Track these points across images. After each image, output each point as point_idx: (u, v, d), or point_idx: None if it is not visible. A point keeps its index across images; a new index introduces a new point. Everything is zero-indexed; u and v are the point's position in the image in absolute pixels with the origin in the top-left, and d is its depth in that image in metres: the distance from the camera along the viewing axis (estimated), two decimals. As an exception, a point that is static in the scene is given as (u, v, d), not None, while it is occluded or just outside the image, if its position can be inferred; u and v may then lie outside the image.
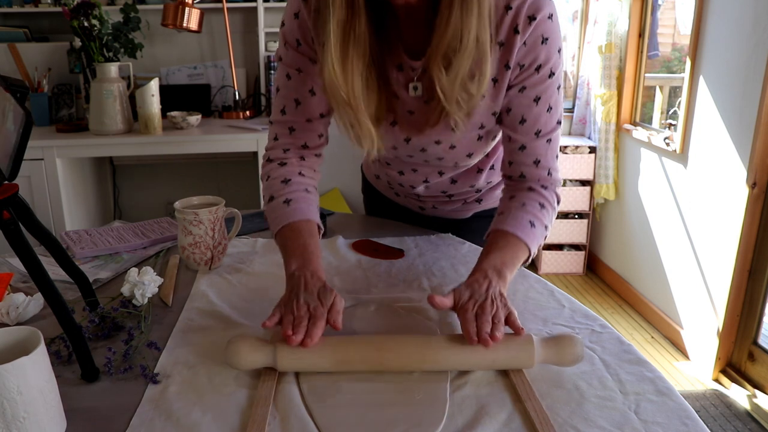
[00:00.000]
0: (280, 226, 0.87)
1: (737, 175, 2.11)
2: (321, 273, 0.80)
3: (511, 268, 0.82)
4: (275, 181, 0.92)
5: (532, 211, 0.88)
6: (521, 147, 0.90)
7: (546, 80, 0.85)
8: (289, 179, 0.92)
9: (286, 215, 0.88)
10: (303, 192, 0.91)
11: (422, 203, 1.19)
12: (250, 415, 0.63)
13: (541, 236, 0.87)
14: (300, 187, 0.92)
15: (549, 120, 0.88)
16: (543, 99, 0.86)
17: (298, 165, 0.95)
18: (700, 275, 2.35)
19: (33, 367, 0.57)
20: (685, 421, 0.63)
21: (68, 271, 0.80)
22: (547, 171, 0.91)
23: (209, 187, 3.11)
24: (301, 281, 0.77)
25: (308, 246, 0.83)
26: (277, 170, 0.93)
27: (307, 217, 0.88)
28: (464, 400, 0.66)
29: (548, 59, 0.83)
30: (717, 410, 2.08)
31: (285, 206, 0.89)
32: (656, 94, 3.07)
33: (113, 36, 2.39)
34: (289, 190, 0.90)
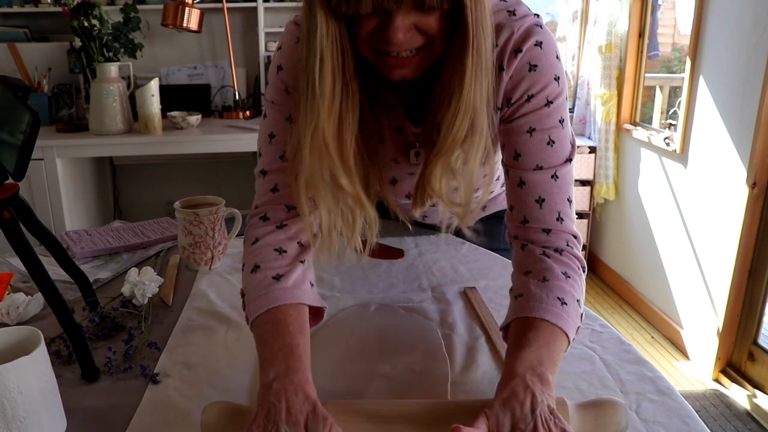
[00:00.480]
0: (259, 311, 0.67)
1: (737, 175, 2.11)
2: (310, 389, 0.58)
3: (551, 367, 0.61)
4: (267, 249, 0.72)
5: (557, 284, 0.68)
6: (520, 182, 0.74)
7: (541, 109, 0.72)
8: (285, 250, 0.72)
9: (271, 296, 0.67)
10: (300, 264, 0.72)
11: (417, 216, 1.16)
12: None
13: (576, 315, 0.67)
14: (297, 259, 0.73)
15: (552, 155, 0.72)
16: (538, 130, 0.72)
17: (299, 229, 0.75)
18: (700, 275, 2.35)
19: (33, 367, 0.57)
20: (686, 421, 0.63)
21: (68, 271, 0.80)
22: (556, 215, 0.72)
23: (209, 187, 3.11)
24: (282, 402, 0.56)
25: (294, 347, 0.63)
26: (273, 236, 0.74)
27: (301, 300, 0.69)
28: (465, 399, 0.66)
29: (541, 87, 0.71)
30: (717, 410, 2.08)
31: (274, 283, 0.69)
32: (656, 94, 3.07)
33: (113, 36, 2.39)
34: (282, 263, 0.71)
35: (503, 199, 1.14)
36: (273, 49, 2.83)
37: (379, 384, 0.69)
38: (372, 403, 0.63)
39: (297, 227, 0.75)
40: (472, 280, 0.98)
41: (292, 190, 0.72)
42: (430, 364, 0.72)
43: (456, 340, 0.78)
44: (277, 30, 2.83)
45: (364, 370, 0.71)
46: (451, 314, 0.85)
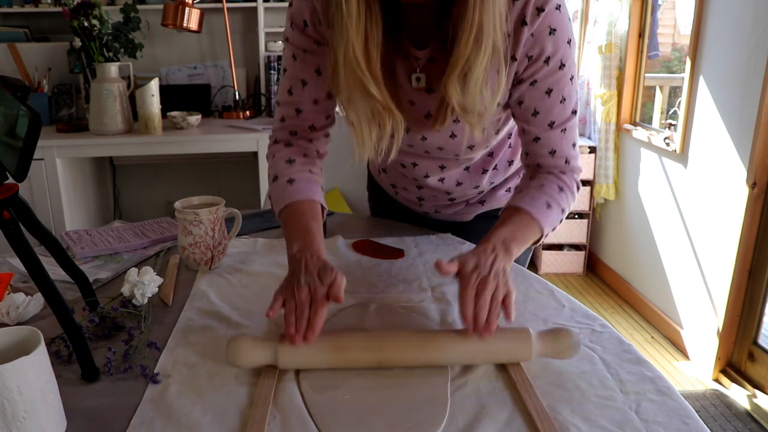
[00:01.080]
0: (282, 205, 0.88)
1: (737, 175, 2.11)
2: (322, 253, 0.79)
3: (519, 246, 0.82)
4: (279, 162, 0.93)
5: (550, 193, 0.88)
6: (535, 138, 0.90)
7: (556, 72, 0.84)
8: (293, 159, 0.92)
9: (289, 195, 0.88)
10: (307, 173, 0.92)
11: (424, 207, 1.18)
12: (249, 415, 0.63)
13: (556, 219, 0.88)
14: (304, 167, 0.92)
15: (562, 111, 0.87)
16: (555, 91, 0.85)
17: (305, 146, 0.95)
18: (700, 275, 2.35)
19: (33, 367, 0.57)
20: (686, 421, 0.63)
21: (68, 271, 0.80)
22: (564, 160, 0.91)
23: (209, 187, 3.11)
24: (302, 263, 0.77)
25: (310, 228, 0.83)
26: (282, 150, 0.94)
27: (310, 197, 0.88)
28: (465, 400, 0.66)
29: (557, 50, 0.82)
30: (717, 410, 2.08)
31: (288, 186, 0.89)
32: (656, 94, 3.07)
33: (113, 36, 2.39)
34: (292, 170, 0.91)
35: (502, 195, 1.15)
36: (273, 49, 2.83)
37: (378, 384, 0.69)
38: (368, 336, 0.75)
39: (302, 147, 0.95)
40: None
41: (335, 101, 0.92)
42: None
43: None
44: (277, 30, 2.83)
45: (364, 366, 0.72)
46: (451, 314, 0.85)
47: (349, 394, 0.67)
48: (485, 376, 0.71)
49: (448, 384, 0.69)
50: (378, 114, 0.82)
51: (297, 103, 0.93)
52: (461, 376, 0.71)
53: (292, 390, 0.68)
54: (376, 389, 0.68)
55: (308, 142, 0.96)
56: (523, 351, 0.71)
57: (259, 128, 2.51)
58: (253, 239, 1.16)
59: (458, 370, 0.72)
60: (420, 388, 0.68)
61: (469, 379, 0.70)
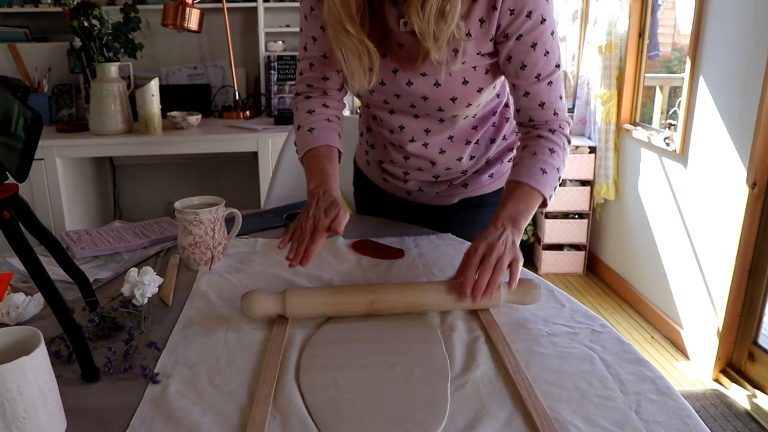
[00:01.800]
0: (304, 151, 1.02)
1: (737, 175, 2.11)
2: (334, 191, 0.94)
3: (526, 216, 0.91)
4: (301, 113, 1.06)
5: (543, 158, 0.96)
6: (525, 93, 0.98)
7: (539, 26, 0.92)
8: (313, 110, 1.06)
9: (310, 141, 1.02)
10: (325, 121, 1.05)
11: (408, 185, 1.21)
12: (249, 415, 0.63)
13: (554, 179, 0.96)
14: (322, 117, 1.06)
15: (547, 64, 0.95)
16: (539, 44, 0.93)
17: (322, 98, 1.08)
18: (700, 275, 2.35)
19: (33, 367, 0.57)
20: (686, 421, 0.63)
21: (68, 271, 0.80)
22: (553, 111, 0.98)
23: (209, 187, 3.11)
24: (315, 198, 0.92)
25: (326, 169, 0.98)
26: (303, 102, 1.08)
27: (328, 143, 1.02)
28: (465, 400, 0.66)
29: (537, 5, 0.90)
30: (717, 410, 2.08)
31: (309, 134, 1.03)
32: (656, 94, 3.07)
33: (113, 36, 2.39)
34: (313, 119, 1.05)
35: (485, 181, 1.18)
36: (273, 49, 2.83)
37: (378, 383, 0.69)
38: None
39: (320, 98, 1.08)
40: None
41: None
42: (430, 363, 0.73)
43: (456, 340, 0.78)
44: (277, 30, 2.83)
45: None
46: (451, 314, 0.85)
47: (349, 393, 0.67)
48: (485, 376, 0.71)
49: (448, 384, 0.69)
50: (356, 47, 0.92)
51: (310, 57, 1.06)
52: (461, 376, 0.71)
53: (292, 390, 0.68)
54: (376, 389, 0.68)
55: (323, 94, 1.09)
56: (493, 300, 0.84)
57: (259, 128, 2.51)
58: (253, 239, 1.16)
59: (458, 370, 0.72)
60: (420, 388, 0.68)
61: (469, 379, 0.70)
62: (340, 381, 0.69)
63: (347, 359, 0.74)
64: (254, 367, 0.72)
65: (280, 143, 1.75)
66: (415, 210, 1.26)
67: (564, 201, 3.14)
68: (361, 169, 1.34)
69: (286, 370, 0.71)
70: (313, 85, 1.08)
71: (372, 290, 0.84)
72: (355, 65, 0.95)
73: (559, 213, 3.18)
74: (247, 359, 0.75)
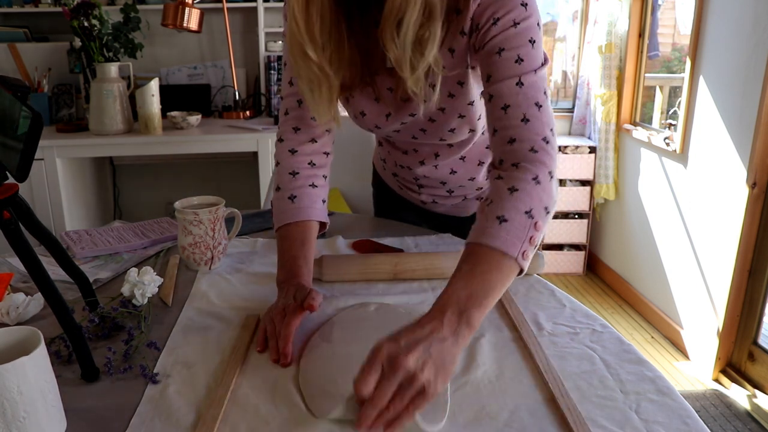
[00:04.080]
0: (281, 223, 0.92)
1: (737, 175, 2.11)
2: (302, 279, 0.84)
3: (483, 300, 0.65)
4: (283, 172, 0.95)
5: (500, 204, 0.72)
6: (489, 98, 0.80)
7: (507, 30, 0.77)
8: (297, 172, 0.94)
9: (288, 214, 0.92)
10: (309, 187, 0.94)
11: (423, 196, 1.19)
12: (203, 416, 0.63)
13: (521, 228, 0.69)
14: (307, 181, 0.94)
15: (518, 69, 0.77)
16: (506, 50, 0.78)
17: (309, 151, 0.95)
18: (700, 275, 2.35)
19: (33, 367, 0.57)
20: (686, 421, 0.63)
21: (68, 271, 0.80)
22: (521, 117, 0.76)
23: (209, 187, 3.11)
24: (283, 291, 0.83)
25: (297, 258, 0.87)
26: (287, 159, 0.95)
27: (309, 217, 0.92)
28: (465, 400, 0.66)
29: (507, 11, 0.77)
30: (717, 410, 2.08)
31: (289, 203, 0.92)
32: (656, 94, 3.07)
33: (113, 36, 2.39)
34: (295, 185, 0.93)
35: None
36: (273, 49, 2.83)
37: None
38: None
39: (307, 149, 0.95)
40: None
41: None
42: None
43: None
44: (277, 30, 2.83)
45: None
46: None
47: (348, 393, 0.67)
48: (485, 377, 0.71)
49: (448, 384, 0.69)
50: (316, 77, 0.82)
51: (298, 93, 0.92)
52: (461, 376, 0.71)
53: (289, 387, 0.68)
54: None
55: (313, 143, 0.96)
56: None
57: (259, 128, 2.51)
58: (253, 239, 1.16)
59: (458, 371, 0.72)
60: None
61: (469, 379, 0.70)
62: (339, 381, 0.69)
63: (345, 359, 0.74)
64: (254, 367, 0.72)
65: (280, 143, 1.75)
66: (431, 216, 1.24)
67: (564, 201, 3.14)
68: (379, 173, 1.31)
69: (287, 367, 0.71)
70: (300, 128, 0.95)
71: (396, 256, 0.96)
72: (313, 97, 0.85)
73: (559, 213, 3.18)
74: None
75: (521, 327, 0.81)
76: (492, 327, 0.82)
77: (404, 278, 0.96)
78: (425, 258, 0.97)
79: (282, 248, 0.90)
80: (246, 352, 0.75)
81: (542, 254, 0.93)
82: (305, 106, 0.93)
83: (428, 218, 1.24)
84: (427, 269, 0.96)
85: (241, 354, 0.74)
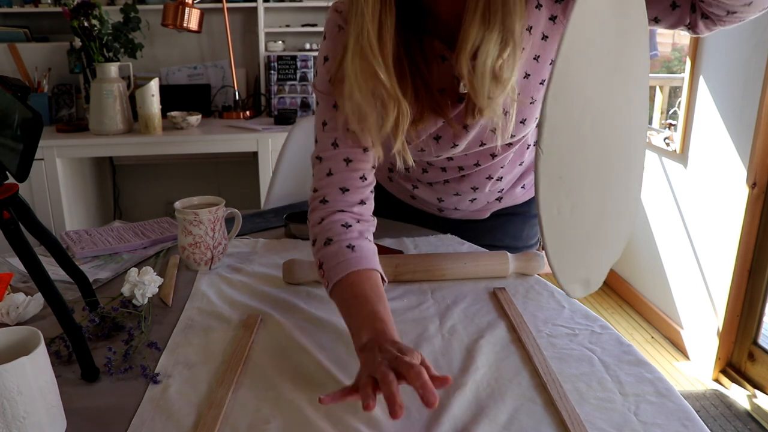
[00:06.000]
0: (343, 274, 0.77)
1: (737, 175, 2.11)
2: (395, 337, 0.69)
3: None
4: (335, 224, 0.83)
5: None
6: None
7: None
8: (350, 224, 0.83)
9: (350, 262, 0.78)
10: (366, 240, 0.83)
11: (442, 204, 1.16)
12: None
13: None
14: (363, 234, 0.84)
15: None
16: None
17: (358, 212, 0.86)
18: (700, 275, 2.35)
19: (33, 367, 0.57)
20: (685, 423, 0.63)
21: (68, 271, 0.80)
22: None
23: (209, 187, 3.11)
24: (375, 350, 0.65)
25: (378, 313, 0.72)
26: (337, 216, 0.84)
27: (373, 266, 0.80)
28: (465, 401, 0.66)
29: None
30: (717, 410, 2.08)
31: (349, 251, 0.79)
32: (656, 94, 3.07)
33: (113, 36, 2.39)
34: (351, 236, 0.82)
35: (518, 193, 1.15)
36: (273, 49, 2.83)
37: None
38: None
39: (356, 209, 0.86)
40: (471, 280, 0.98)
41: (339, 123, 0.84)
42: None
43: (455, 343, 0.78)
44: (277, 30, 2.83)
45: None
46: (451, 318, 0.85)
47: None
48: (484, 379, 0.71)
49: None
50: (383, 102, 0.77)
51: (345, 153, 0.85)
52: (461, 376, 0.71)
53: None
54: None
55: (361, 204, 0.86)
56: (502, 270, 0.96)
57: (259, 128, 2.51)
58: (253, 239, 1.16)
59: (458, 371, 0.72)
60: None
61: (467, 381, 0.70)
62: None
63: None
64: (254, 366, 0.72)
65: (280, 143, 1.75)
66: (443, 223, 1.21)
67: (564, 201, 3.13)
68: (380, 183, 1.21)
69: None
70: (349, 189, 0.85)
71: (396, 258, 0.97)
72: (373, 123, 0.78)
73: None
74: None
75: (520, 328, 0.81)
76: (491, 328, 0.82)
77: (404, 280, 0.96)
78: (426, 259, 0.97)
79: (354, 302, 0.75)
80: (247, 352, 0.75)
81: (542, 254, 0.93)
82: (354, 165, 0.85)
83: (440, 224, 1.21)
84: (428, 271, 0.96)
85: (242, 354, 0.74)
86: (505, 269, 0.97)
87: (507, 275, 0.97)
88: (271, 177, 1.65)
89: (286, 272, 0.95)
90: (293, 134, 1.67)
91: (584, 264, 0.74)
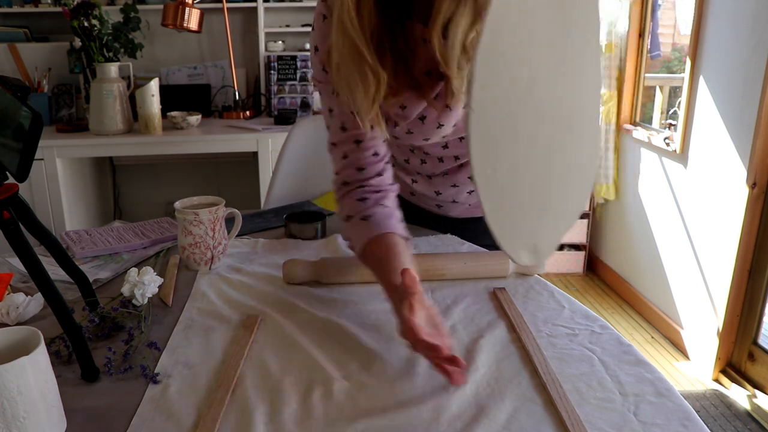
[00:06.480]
0: (363, 242, 0.87)
1: (737, 175, 2.11)
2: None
3: None
4: (351, 200, 0.91)
5: None
6: None
7: None
8: (366, 198, 0.91)
9: (368, 230, 0.87)
10: (380, 206, 0.90)
11: (440, 200, 1.16)
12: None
13: None
14: (377, 203, 0.91)
15: None
16: None
17: (376, 183, 0.93)
18: (700, 275, 2.35)
19: (33, 367, 0.57)
20: (685, 423, 0.63)
21: (68, 271, 0.80)
22: None
23: (209, 187, 3.11)
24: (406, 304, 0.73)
25: (389, 274, 0.80)
26: (355, 191, 0.92)
27: (390, 230, 0.87)
28: (464, 401, 0.66)
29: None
30: (717, 410, 2.08)
31: (363, 222, 0.88)
32: (656, 94, 3.07)
33: (113, 36, 2.39)
34: (366, 207, 0.90)
35: None
36: (273, 49, 2.84)
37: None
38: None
39: (374, 181, 0.93)
40: (471, 280, 0.98)
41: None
42: None
43: (455, 343, 0.78)
44: (277, 30, 2.83)
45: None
46: (451, 317, 0.85)
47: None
48: (484, 379, 0.71)
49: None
50: (361, 70, 0.80)
51: (355, 135, 0.91)
52: (461, 376, 0.71)
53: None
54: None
55: (378, 176, 0.93)
56: (502, 270, 0.97)
57: (259, 128, 2.51)
58: (253, 239, 1.16)
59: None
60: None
61: (469, 380, 0.70)
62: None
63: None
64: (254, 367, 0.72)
65: (280, 143, 1.75)
66: (442, 221, 1.21)
67: (564, 201, 3.14)
68: None
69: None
70: (365, 167, 0.93)
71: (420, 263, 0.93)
72: (361, 97, 0.82)
73: (559, 213, 3.18)
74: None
75: (520, 328, 0.81)
76: (491, 328, 0.82)
77: None
78: (426, 259, 0.97)
79: (374, 269, 0.85)
80: (246, 352, 0.75)
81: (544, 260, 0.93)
82: (365, 145, 0.91)
83: (441, 223, 1.21)
84: (428, 271, 0.95)
85: (242, 354, 0.74)
86: (505, 269, 0.97)
87: (507, 275, 0.97)
88: (271, 177, 1.65)
89: (286, 272, 0.95)
90: (293, 134, 1.67)
91: (529, 230, 0.72)
